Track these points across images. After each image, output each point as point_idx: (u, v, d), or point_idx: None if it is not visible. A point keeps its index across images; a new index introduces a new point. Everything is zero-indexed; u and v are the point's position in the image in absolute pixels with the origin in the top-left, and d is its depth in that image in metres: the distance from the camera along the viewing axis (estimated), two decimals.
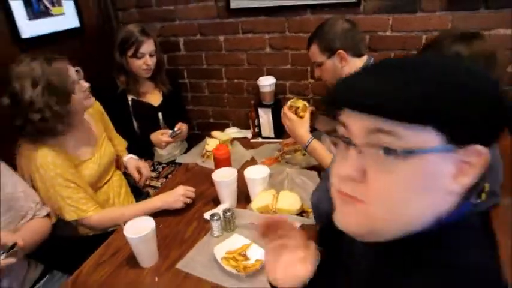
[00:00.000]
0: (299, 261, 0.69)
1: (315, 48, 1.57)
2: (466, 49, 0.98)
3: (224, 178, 1.39)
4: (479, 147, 0.46)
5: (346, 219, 0.51)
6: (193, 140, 2.23)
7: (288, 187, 1.45)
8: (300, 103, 1.59)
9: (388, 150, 0.45)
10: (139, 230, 1.13)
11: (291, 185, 1.45)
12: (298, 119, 1.55)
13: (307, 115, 1.55)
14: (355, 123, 0.48)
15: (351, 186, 0.49)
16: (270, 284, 0.72)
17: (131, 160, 1.75)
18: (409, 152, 0.45)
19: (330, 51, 1.54)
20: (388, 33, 1.83)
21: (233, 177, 1.38)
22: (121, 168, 1.77)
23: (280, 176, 1.48)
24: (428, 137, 0.45)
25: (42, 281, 1.29)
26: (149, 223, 1.16)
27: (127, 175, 1.77)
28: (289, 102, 1.60)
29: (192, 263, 1.18)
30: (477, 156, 0.47)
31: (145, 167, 1.76)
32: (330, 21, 1.56)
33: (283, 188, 1.44)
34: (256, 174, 1.41)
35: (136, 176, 1.72)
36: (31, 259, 1.31)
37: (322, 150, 1.47)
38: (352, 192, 0.49)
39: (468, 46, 0.98)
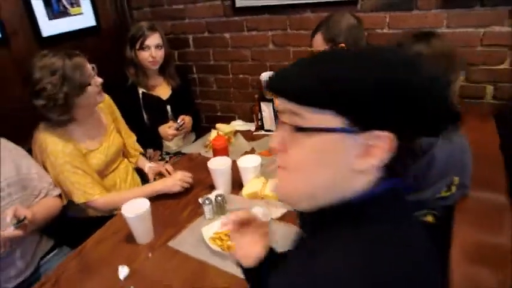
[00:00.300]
0: (254, 243, 0.81)
1: (319, 37, 1.62)
2: (427, 48, 1.03)
3: (219, 166, 1.49)
4: (384, 133, 0.51)
5: (278, 186, 0.59)
6: (201, 132, 2.34)
7: None
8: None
9: (295, 128, 0.53)
10: (136, 209, 1.26)
11: None
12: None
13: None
14: (280, 105, 0.56)
15: (280, 156, 0.57)
16: (237, 263, 0.84)
17: (150, 169, 1.86)
18: (309, 130, 0.52)
19: (333, 43, 1.59)
20: (385, 31, 1.89)
21: (227, 165, 1.48)
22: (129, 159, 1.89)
23: (272, 166, 1.57)
24: (329, 119, 0.51)
25: (52, 254, 1.44)
26: (145, 203, 1.28)
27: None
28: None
29: (182, 241, 1.29)
30: (382, 141, 0.51)
31: (164, 167, 1.83)
32: (339, 14, 1.63)
33: (274, 177, 1.53)
34: (249, 163, 1.50)
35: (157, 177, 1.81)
36: (43, 234, 1.46)
37: None
38: (280, 162, 0.57)
39: (428, 45, 1.03)
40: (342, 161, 0.53)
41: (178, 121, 2.04)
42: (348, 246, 0.51)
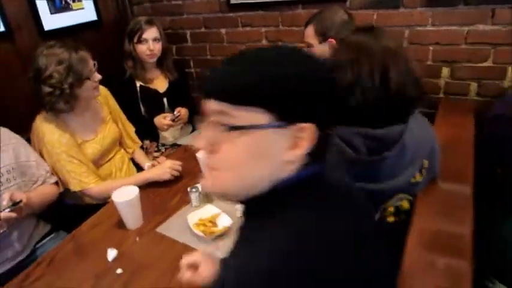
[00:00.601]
0: (208, 265, 0.92)
1: (310, 30, 1.66)
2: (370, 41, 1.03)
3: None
4: (307, 125, 0.56)
5: (207, 182, 0.63)
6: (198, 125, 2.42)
7: None
8: None
9: (226, 127, 0.56)
10: (126, 196, 1.34)
11: None
12: None
13: None
14: (208, 106, 0.59)
15: (210, 158, 0.61)
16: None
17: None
18: (241, 128, 0.56)
19: (323, 37, 1.63)
20: None
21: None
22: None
23: None
24: (259, 116, 0.55)
25: (48, 237, 1.54)
26: (134, 190, 1.36)
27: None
28: None
29: (170, 227, 1.38)
30: (306, 132, 0.56)
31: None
32: (332, 9, 1.66)
33: None
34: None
35: None
36: (40, 219, 1.56)
37: None
38: (211, 163, 0.61)
39: (376, 40, 1.02)
40: (273, 154, 0.57)
41: (175, 113, 2.12)
42: (274, 235, 0.55)
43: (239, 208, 1.37)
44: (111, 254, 1.24)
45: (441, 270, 0.88)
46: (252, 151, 0.57)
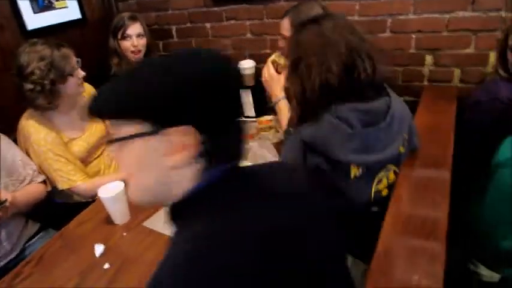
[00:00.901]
0: None
1: (286, 22, 1.67)
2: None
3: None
4: (181, 128, 0.56)
5: (129, 194, 0.66)
6: None
7: (250, 159, 1.62)
8: (282, 60, 1.64)
9: (112, 140, 0.61)
10: (112, 191, 1.35)
11: (253, 157, 1.63)
12: (277, 75, 1.61)
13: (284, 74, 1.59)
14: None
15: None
16: None
17: None
18: (121, 140, 0.59)
19: None
20: (356, 18, 1.95)
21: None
22: None
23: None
24: (136, 127, 0.58)
25: (38, 236, 1.55)
26: (120, 186, 1.37)
27: None
28: (273, 56, 1.67)
29: (156, 220, 1.39)
30: (183, 135, 0.57)
31: None
32: (309, 4, 1.67)
33: (246, 160, 1.62)
34: None
35: None
36: (29, 218, 1.56)
37: (285, 112, 1.56)
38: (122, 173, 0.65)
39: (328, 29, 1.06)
40: (155, 161, 0.59)
41: None
42: (181, 238, 0.57)
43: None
44: (99, 249, 1.25)
45: (416, 251, 0.90)
46: (136, 161, 0.60)
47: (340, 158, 1.01)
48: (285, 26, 1.68)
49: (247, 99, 2.19)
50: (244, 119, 2.09)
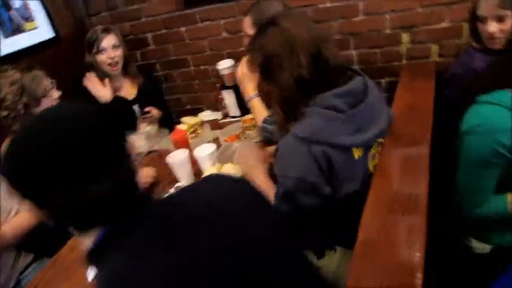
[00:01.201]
0: None
1: (248, 20, 1.66)
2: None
3: (176, 159, 1.57)
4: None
5: None
6: (173, 128, 2.41)
7: (236, 160, 1.61)
8: None
9: None
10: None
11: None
12: (250, 73, 1.55)
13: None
14: None
15: None
16: None
17: None
18: None
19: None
20: (327, 5, 1.93)
21: (182, 157, 1.56)
22: None
23: (228, 151, 1.65)
24: None
25: (31, 267, 1.53)
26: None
27: None
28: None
29: None
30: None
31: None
32: (269, 0, 1.65)
33: (232, 161, 1.60)
34: (203, 152, 1.58)
35: None
36: (20, 250, 1.53)
37: (259, 109, 1.55)
38: None
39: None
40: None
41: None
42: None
43: None
44: (91, 273, 1.24)
45: (397, 225, 0.91)
46: None
47: (343, 143, 1.02)
48: (247, 24, 1.67)
49: (230, 99, 2.18)
50: (229, 119, 2.08)
